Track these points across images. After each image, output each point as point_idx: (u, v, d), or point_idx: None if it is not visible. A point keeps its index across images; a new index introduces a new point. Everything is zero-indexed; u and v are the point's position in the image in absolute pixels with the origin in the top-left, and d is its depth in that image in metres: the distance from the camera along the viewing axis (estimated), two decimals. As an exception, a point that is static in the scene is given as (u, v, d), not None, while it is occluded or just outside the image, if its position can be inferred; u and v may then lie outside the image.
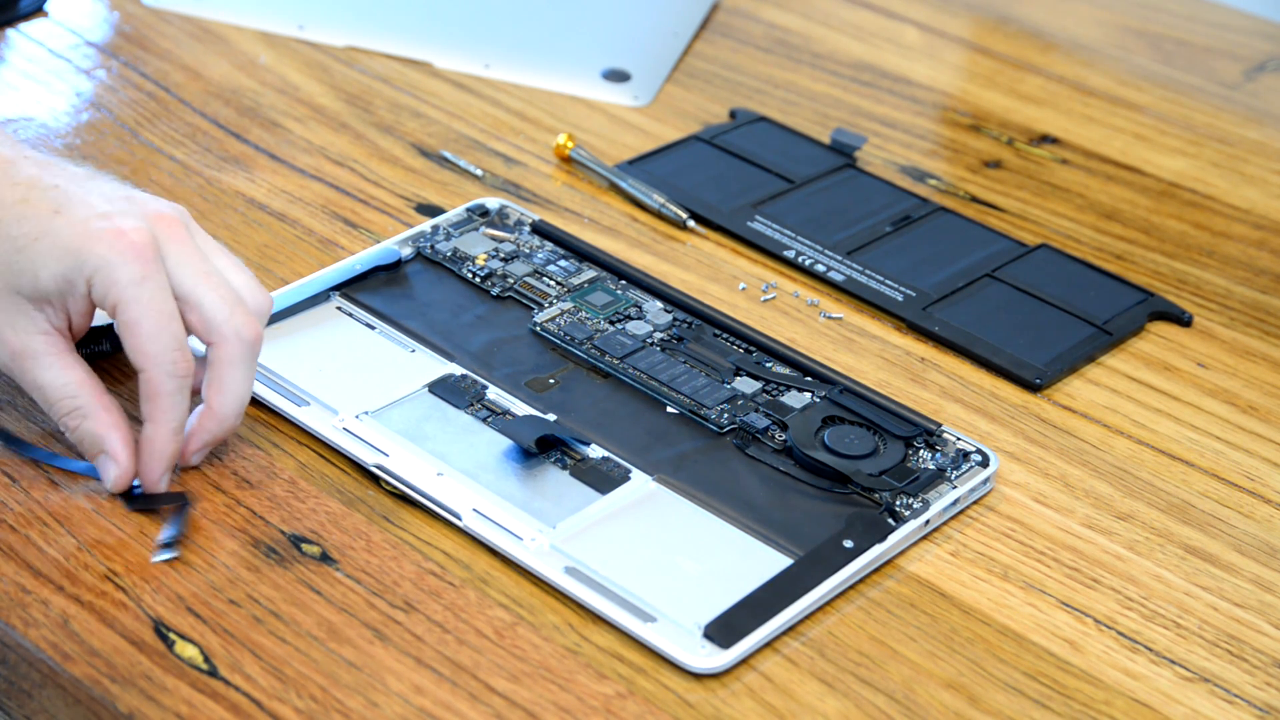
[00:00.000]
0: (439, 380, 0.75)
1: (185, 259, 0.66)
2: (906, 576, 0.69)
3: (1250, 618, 0.69)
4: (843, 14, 1.13)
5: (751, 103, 1.02)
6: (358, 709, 0.61)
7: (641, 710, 0.62)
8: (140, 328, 0.65)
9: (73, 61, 0.98)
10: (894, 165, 0.97)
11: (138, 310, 0.65)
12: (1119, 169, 0.99)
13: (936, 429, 0.75)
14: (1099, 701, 0.65)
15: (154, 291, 0.65)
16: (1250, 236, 0.94)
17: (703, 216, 0.90)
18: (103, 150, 0.90)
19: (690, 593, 0.66)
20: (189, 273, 0.66)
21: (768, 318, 0.84)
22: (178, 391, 0.66)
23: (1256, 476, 0.77)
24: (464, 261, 0.83)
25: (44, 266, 0.65)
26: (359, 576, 0.66)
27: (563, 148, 0.93)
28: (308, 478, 0.70)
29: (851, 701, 0.63)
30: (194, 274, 0.66)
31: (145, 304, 0.65)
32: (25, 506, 0.67)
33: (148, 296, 0.65)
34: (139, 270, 0.65)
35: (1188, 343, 0.85)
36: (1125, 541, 0.72)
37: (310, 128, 0.94)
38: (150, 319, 0.65)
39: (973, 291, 0.86)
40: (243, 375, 0.67)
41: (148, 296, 0.65)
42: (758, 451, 0.74)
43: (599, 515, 0.69)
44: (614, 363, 0.77)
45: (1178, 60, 1.11)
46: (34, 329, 0.66)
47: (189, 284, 0.66)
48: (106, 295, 0.65)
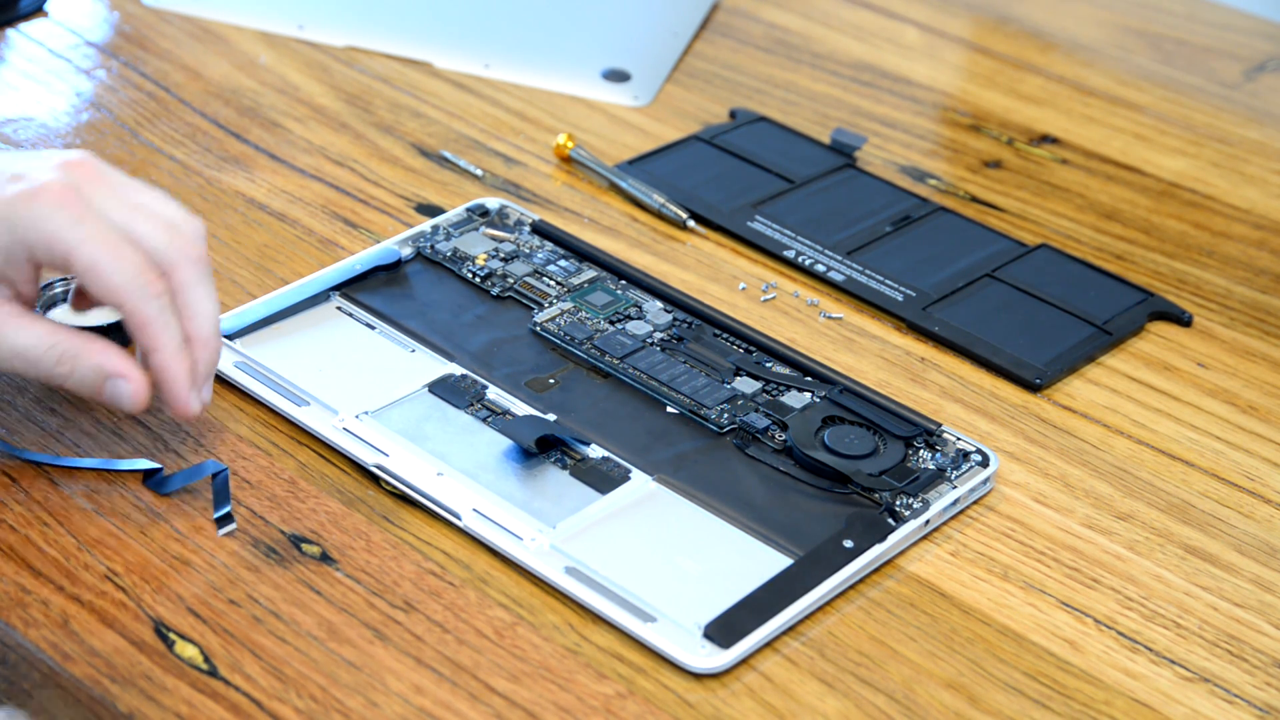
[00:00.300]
0: (439, 380, 0.75)
1: (109, 197, 0.65)
2: (906, 576, 0.69)
3: (1250, 618, 0.69)
4: (843, 14, 1.13)
5: (751, 103, 1.02)
6: (358, 709, 0.61)
7: (641, 710, 0.62)
8: (100, 266, 0.64)
9: (73, 61, 0.98)
10: (894, 165, 0.97)
11: (90, 250, 0.64)
12: (1119, 169, 0.99)
13: (936, 429, 0.75)
14: (1099, 701, 0.65)
15: (95, 227, 0.64)
16: (1250, 236, 0.94)
17: (703, 216, 0.90)
18: (103, 150, 0.90)
19: (690, 593, 0.66)
20: (116, 209, 0.65)
21: (768, 318, 0.84)
22: (162, 311, 0.65)
23: (1256, 476, 0.77)
24: (464, 261, 0.83)
25: None
26: (359, 576, 0.66)
27: (563, 148, 0.93)
28: (308, 478, 0.70)
29: (851, 701, 0.63)
30: (122, 210, 0.65)
31: (93, 241, 0.64)
32: (25, 506, 0.67)
33: (91, 233, 0.64)
34: (72, 214, 0.64)
35: (1188, 343, 0.85)
36: (1125, 541, 0.72)
37: (310, 128, 0.94)
38: (105, 253, 0.64)
39: (973, 291, 0.86)
40: (205, 293, 0.66)
41: (91, 233, 0.64)
42: (758, 451, 0.74)
43: (599, 515, 0.69)
44: (614, 363, 0.77)
45: (1178, 60, 1.11)
46: None
47: (119, 220, 0.65)
48: (51, 250, 0.64)
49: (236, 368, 0.74)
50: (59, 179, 0.65)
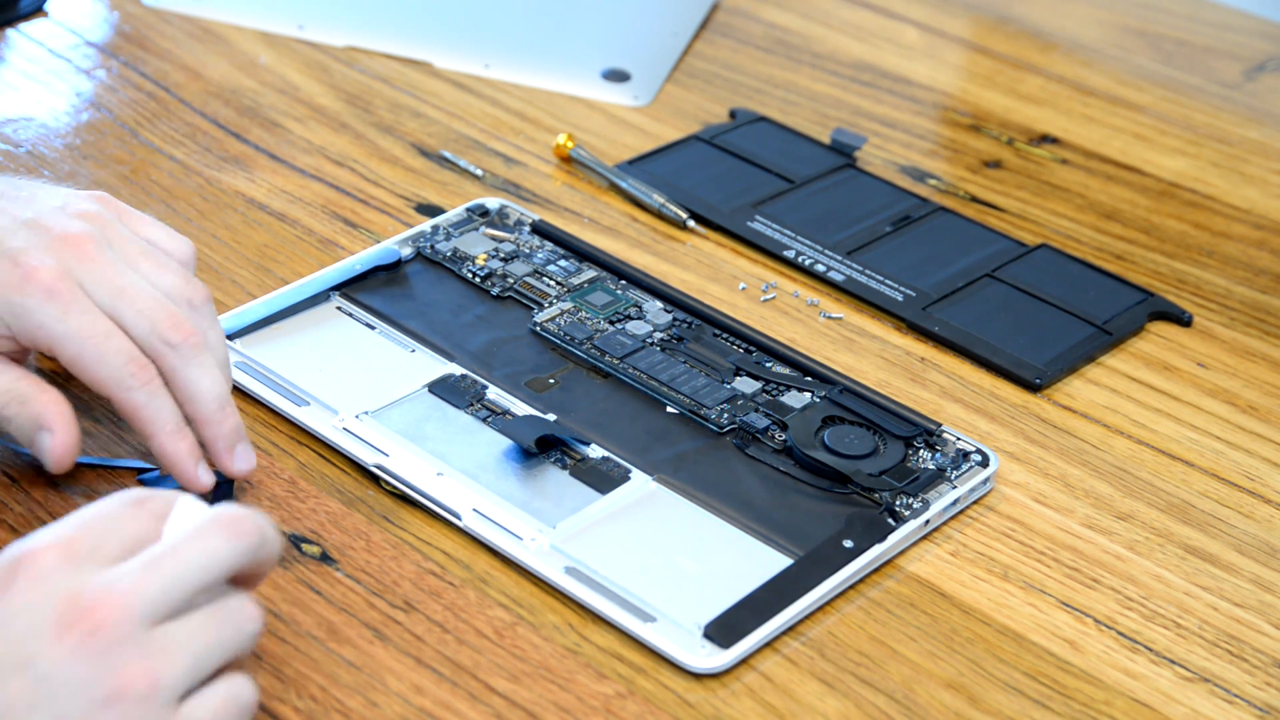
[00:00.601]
0: (439, 380, 0.75)
1: (100, 280, 0.65)
2: (906, 576, 0.69)
3: (1250, 618, 0.69)
4: (843, 14, 1.13)
5: (751, 103, 1.02)
6: (358, 709, 0.61)
7: (641, 710, 0.62)
8: (84, 359, 0.64)
9: (73, 61, 0.98)
10: (894, 165, 0.97)
11: (75, 345, 0.64)
12: (1119, 169, 0.99)
13: (936, 429, 0.75)
14: (1099, 701, 0.65)
15: (81, 320, 0.64)
16: (1250, 236, 0.94)
17: (703, 216, 0.90)
18: (103, 150, 0.90)
19: (690, 593, 0.66)
20: (104, 294, 0.64)
21: (768, 318, 0.84)
22: (151, 398, 0.65)
23: (1256, 476, 0.77)
24: (464, 261, 0.83)
25: None
26: (359, 576, 0.66)
27: (563, 148, 0.93)
28: (308, 478, 0.70)
29: (851, 701, 0.63)
30: (110, 294, 0.65)
31: (78, 336, 0.64)
32: (25, 506, 0.67)
33: (76, 327, 0.64)
34: (58, 308, 0.64)
35: (1188, 343, 0.85)
36: (1125, 541, 0.72)
37: (310, 128, 0.94)
38: (90, 347, 0.64)
39: (973, 291, 0.86)
40: (200, 372, 0.65)
41: (76, 327, 0.64)
42: (758, 451, 0.74)
43: (599, 515, 0.69)
44: (614, 363, 0.77)
45: (1178, 60, 1.11)
46: None
47: (108, 306, 0.64)
48: (36, 341, 0.64)
49: (236, 368, 0.74)
50: (50, 265, 0.64)
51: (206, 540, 0.55)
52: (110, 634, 0.52)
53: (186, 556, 0.55)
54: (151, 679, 0.53)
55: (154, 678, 0.53)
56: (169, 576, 0.54)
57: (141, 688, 0.52)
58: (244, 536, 0.56)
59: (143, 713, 0.52)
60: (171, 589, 0.54)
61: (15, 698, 0.51)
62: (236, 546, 0.56)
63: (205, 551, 0.55)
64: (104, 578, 0.54)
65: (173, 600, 0.54)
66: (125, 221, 0.68)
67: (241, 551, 0.56)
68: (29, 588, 0.53)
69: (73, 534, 0.54)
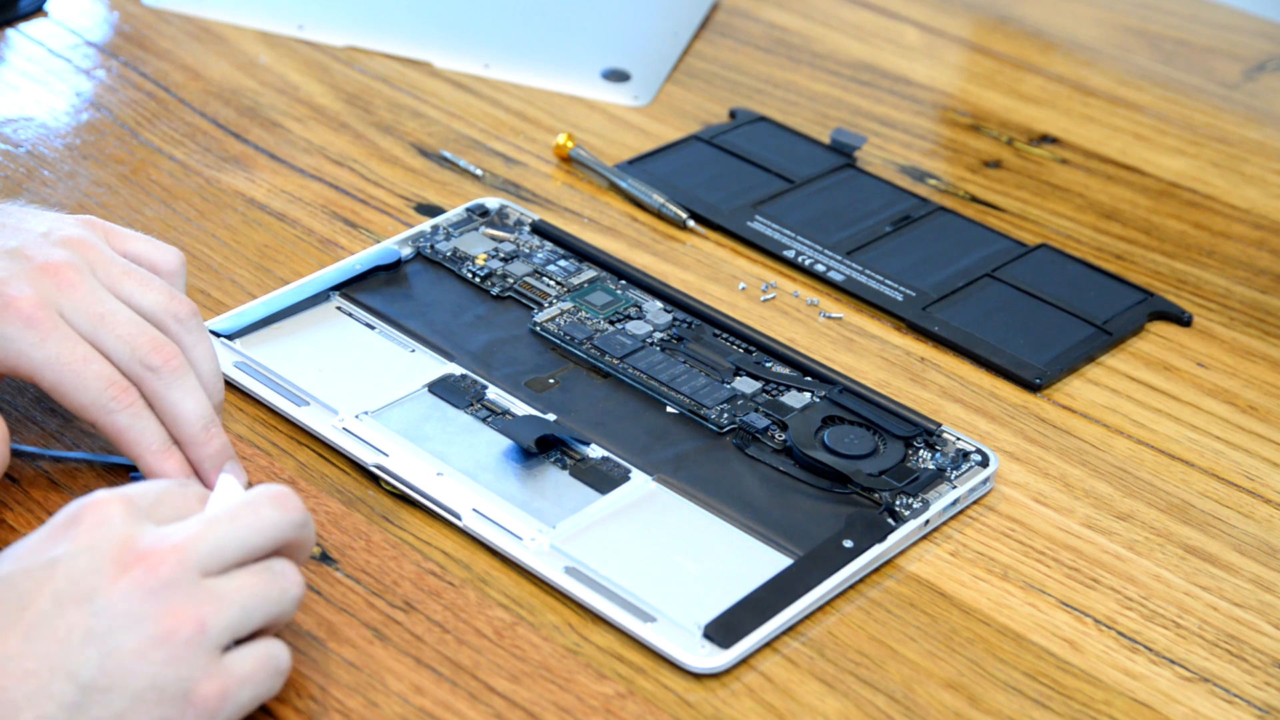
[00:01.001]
0: (439, 380, 0.75)
1: (79, 307, 0.65)
2: (906, 576, 0.69)
3: (1250, 618, 0.69)
4: (843, 14, 1.13)
5: (751, 103, 1.02)
6: (358, 709, 0.61)
7: (641, 710, 0.62)
8: (64, 385, 0.64)
9: (73, 61, 0.98)
10: (894, 165, 0.97)
11: (54, 371, 0.64)
12: (1119, 169, 0.99)
13: (936, 429, 0.75)
14: (1099, 701, 0.65)
15: (59, 346, 0.64)
16: (1250, 236, 0.94)
17: (703, 216, 0.90)
18: (102, 150, 0.90)
19: (690, 593, 0.66)
20: (84, 321, 0.65)
21: (768, 318, 0.84)
22: (134, 420, 0.65)
23: (1256, 476, 0.77)
24: (464, 261, 0.83)
25: None
26: (359, 576, 0.66)
27: (563, 148, 0.93)
28: (307, 478, 0.70)
29: (851, 701, 0.63)
30: (90, 320, 0.65)
31: (57, 363, 0.64)
32: (25, 506, 0.67)
33: (55, 353, 0.64)
34: (37, 335, 0.64)
35: (1188, 343, 0.85)
36: (1125, 541, 0.72)
37: (310, 128, 0.94)
38: (69, 374, 0.64)
39: (973, 291, 0.86)
40: (182, 394, 0.66)
41: (55, 353, 0.64)
42: (758, 451, 0.74)
43: (599, 515, 0.69)
44: (614, 363, 0.77)
45: (1178, 60, 1.11)
46: None
47: (88, 332, 0.65)
48: (15, 368, 0.64)
49: (236, 368, 0.74)
50: (29, 294, 0.64)
51: (259, 509, 0.59)
52: (165, 577, 0.56)
53: (240, 520, 0.59)
54: (199, 623, 0.56)
55: (201, 622, 0.56)
56: (223, 535, 0.58)
57: (189, 630, 0.56)
58: (291, 510, 0.60)
59: (189, 654, 0.56)
60: (224, 546, 0.58)
61: (73, 627, 0.55)
62: (285, 517, 0.60)
63: (258, 517, 0.59)
64: (162, 531, 0.58)
65: (224, 557, 0.58)
66: (111, 242, 0.69)
67: (289, 523, 0.60)
68: (93, 530, 0.57)
69: (134, 493, 0.59)
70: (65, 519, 0.58)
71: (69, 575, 0.55)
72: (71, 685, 0.54)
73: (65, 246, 0.67)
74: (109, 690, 0.54)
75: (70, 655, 0.54)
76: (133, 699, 0.55)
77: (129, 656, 0.55)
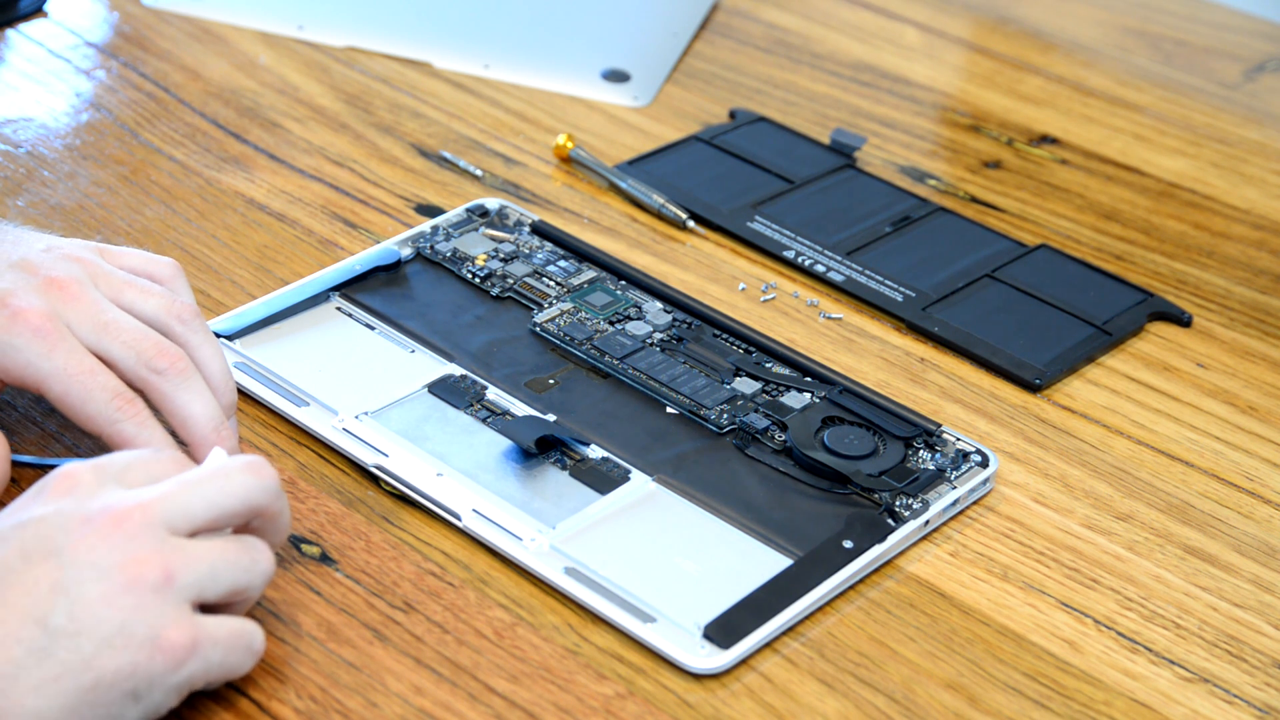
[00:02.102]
0: (438, 380, 0.75)
1: (85, 317, 0.66)
2: (906, 577, 0.69)
3: (1250, 618, 0.69)
4: (843, 14, 1.13)
5: (751, 103, 1.02)
6: (357, 709, 0.61)
7: (641, 710, 0.62)
8: (71, 396, 0.65)
9: (72, 61, 0.98)
10: (894, 165, 0.97)
11: (61, 382, 0.65)
12: (1119, 169, 0.99)
13: (936, 429, 0.75)
14: (1099, 702, 0.65)
15: (67, 357, 0.65)
16: (1250, 236, 0.94)
17: (702, 217, 0.90)
18: (102, 150, 0.90)
19: (690, 593, 0.66)
20: (89, 331, 0.66)
21: (767, 318, 0.84)
22: (141, 427, 0.65)
23: (1256, 476, 0.77)
24: (464, 262, 0.83)
25: None
26: (358, 577, 0.66)
27: (562, 148, 0.93)
28: (307, 478, 0.70)
29: (851, 702, 0.63)
30: (95, 330, 0.66)
31: (64, 373, 0.65)
32: (25, 507, 0.67)
33: (63, 365, 0.65)
34: (45, 346, 0.65)
35: (1187, 343, 0.85)
36: (1125, 542, 0.72)
37: (310, 128, 0.94)
38: (76, 384, 0.65)
39: (972, 292, 0.86)
40: (189, 397, 0.66)
41: (63, 365, 0.65)
42: (757, 452, 0.74)
43: (599, 515, 0.69)
44: (614, 363, 0.77)
45: (1178, 60, 1.11)
46: None
47: (93, 342, 0.66)
48: (23, 378, 0.65)
49: (236, 368, 0.74)
50: (38, 306, 0.65)
51: (231, 473, 0.60)
52: (132, 530, 0.57)
53: (211, 482, 0.60)
54: (166, 571, 0.57)
55: (169, 570, 0.57)
56: (193, 495, 0.59)
57: (156, 577, 0.56)
58: (264, 477, 0.60)
59: (156, 601, 0.56)
60: (193, 505, 0.59)
61: (40, 579, 0.56)
62: (258, 482, 0.60)
63: (229, 480, 0.60)
64: (131, 491, 0.59)
65: (193, 516, 0.59)
66: (107, 258, 0.70)
67: (260, 488, 0.60)
68: (63, 494, 0.58)
69: (105, 461, 0.60)
70: (35, 488, 0.59)
71: (37, 534, 0.56)
72: (39, 630, 0.55)
73: (68, 261, 0.68)
74: (77, 635, 0.55)
75: (38, 604, 0.55)
76: (100, 643, 0.55)
77: (97, 604, 0.55)
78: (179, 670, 0.57)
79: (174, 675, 0.57)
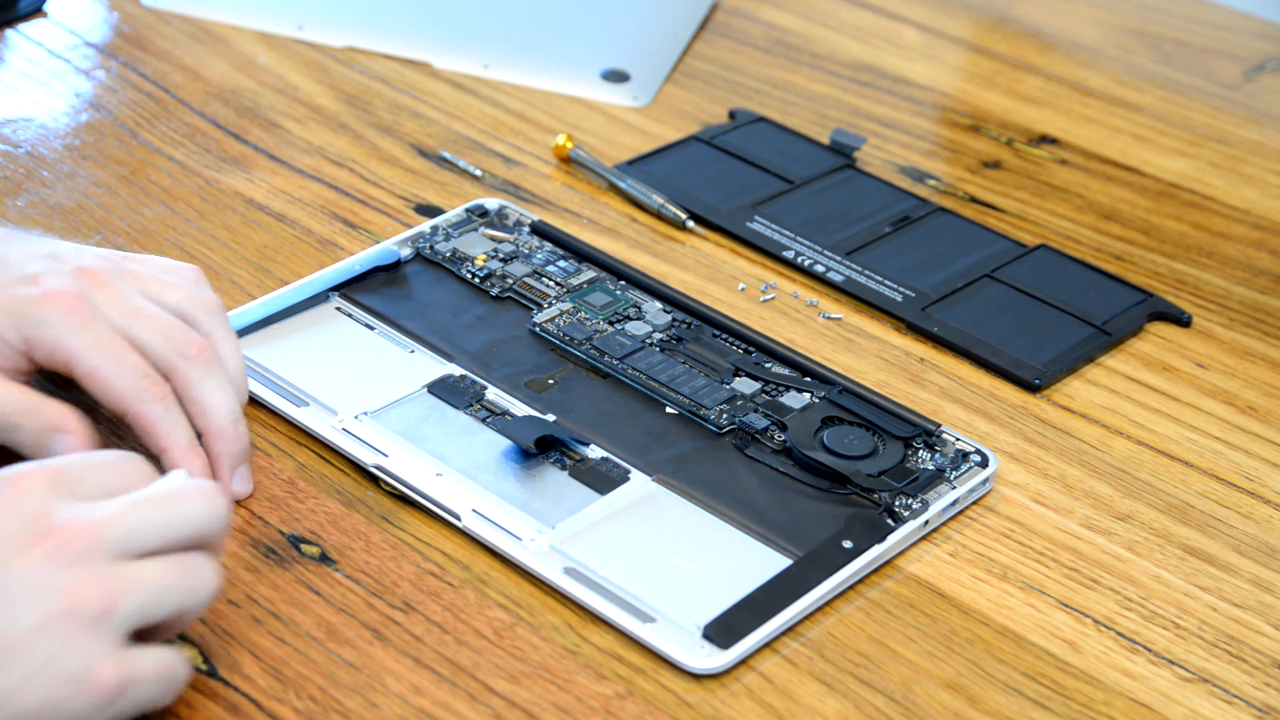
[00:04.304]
0: (438, 381, 0.75)
1: (114, 302, 0.66)
2: (906, 577, 0.69)
3: (1249, 618, 0.69)
4: (842, 14, 1.13)
5: (751, 103, 1.02)
6: (357, 709, 0.61)
7: (641, 711, 0.62)
8: (101, 371, 0.65)
9: (72, 62, 0.98)
10: (893, 165, 0.97)
11: (92, 357, 0.65)
12: (1118, 169, 0.99)
13: (936, 429, 0.75)
14: (1098, 702, 0.65)
15: (99, 333, 0.65)
16: (1250, 237, 0.94)
17: (702, 217, 0.90)
18: (102, 151, 0.90)
19: (690, 593, 0.66)
20: (119, 315, 0.66)
21: (767, 318, 0.84)
22: (166, 412, 0.66)
23: (1256, 476, 0.77)
24: (463, 262, 0.83)
25: None
26: (358, 577, 0.66)
27: (562, 148, 0.93)
28: (307, 478, 0.70)
29: (851, 702, 0.63)
30: (124, 314, 0.66)
31: (96, 348, 0.65)
32: (24, 507, 0.67)
33: (94, 341, 0.65)
34: (76, 321, 0.65)
35: (1187, 343, 0.85)
36: (1124, 542, 0.72)
37: (309, 128, 0.94)
38: (107, 359, 0.65)
39: (972, 292, 0.86)
40: (214, 386, 0.67)
41: (94, 341, 0.65)
42: (757, 452, 0.74)
43: (598, 516, 0.69)
44: (613, 363, 0.77)
45: (1177, 60, 1.11)
46: None
47: (122, 325, 0.66)
48: (54, 355, 0.65)
49: (236, 368, 0.75)
50: (69, 286, 0.66)
51: (185, 499, 0.58)
52: (76, 553, 0.55)
53: (163, 506, 0.58)
54: (106, 602, 0.55)
55: (109, 602, 0.55)
56: (142, 519, 0.57)
57: (95, 608, 0.55)
58: (217, 507, 0.59)
59: (91, 634, 0.55)
60: (141, 530, 0.57)
61: None
62: (209, 511, 0.59)
63: (181, 507, 0.58)
64: (81, 507, 0.57)
65: (140, 541, 0.57)
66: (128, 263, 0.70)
67: (211, 518, 0.59)
68: (9, 502, 0.56)
69: (61, 466, 0.58)
70: None
71: None
72: None
73: (96, 256, 0.69)
74: (6, 664, 0.53)
75: None
76: (27, 674, 0.53)
77: (30, 629, 0.54)
78: (105, 710, 0.55)
79: (99, 714, 0.55)
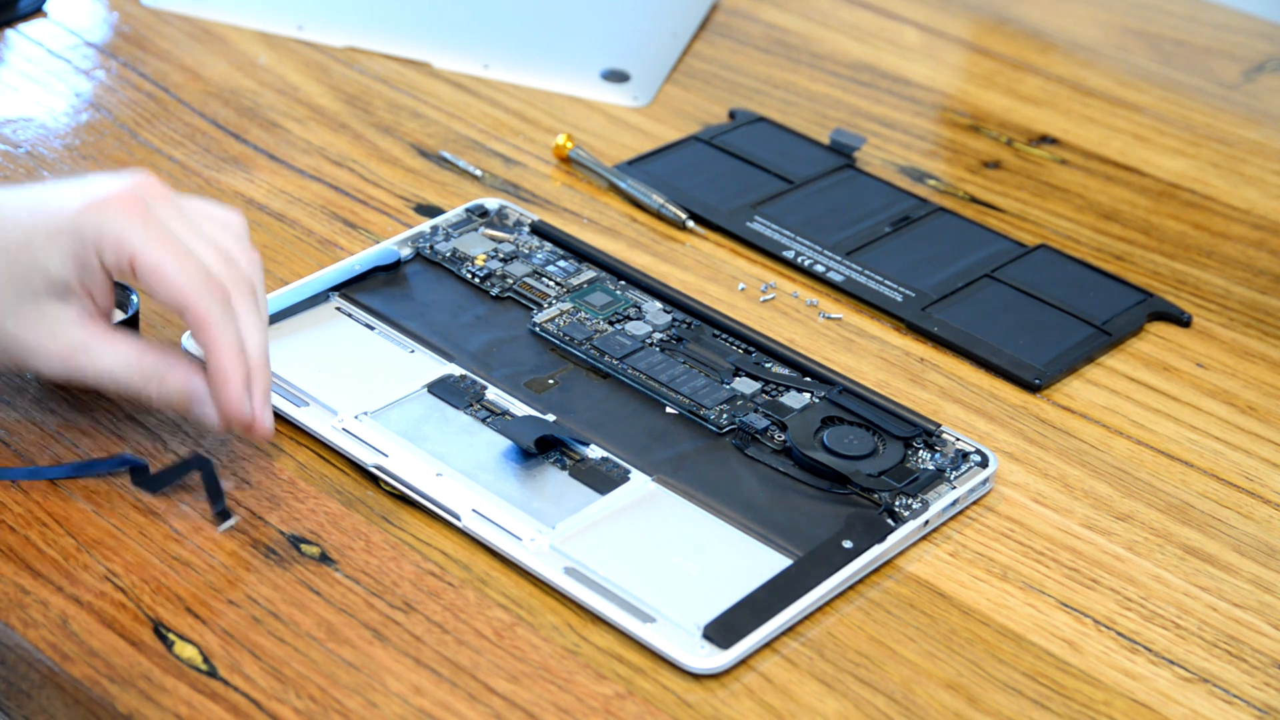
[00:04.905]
0: (438, 380, 0.75)
1: (173, 216, 0.67)
2: (906, 577, 0.69)
3: (1249, 618, 0.69)
4: (842, 14, 1.13)
5: (751, 103, 1.02)
6: (357, 709, 0.61)
7: (641, 711, 0.62)
8: (165, 268, 0.65)
9: (72, 62, 0.98)
10: (893, 165, 0.97)
11: (155, 253, 0.65)
12: (1118, 169, 0.99)
13: (936, 429, 0.75)
14: (1098, 702, 0.65)
15: (161, 231, 0.66)
16: (1249, 237, 0.94)
17: (702, 217, 0.90)
18: (102, 150, 0.90)
19: (689, 593, 0.66)
20: (179, 226, 0.67)
21: (767, 318, 0.84)
22: (225, 313, 0.66)
23: (1256, 477, 0.77)
24: (463, 262, 0.83)
25: (49, 257, 0.65)
26: (358, 577, 0.66)
27: (562, 148, 0.93)
28: (307, 478, 0.70)
29: (851, 702, 0.63)
30: (184, 228, 0.67)
31: (159, 244, 0.65)
32: (25, 507, 0.67)
33: (157, 237, 0.65)
34: (137, 218, 0.65)
35: (1187, 343, 0.85)
36: (1124, 542, 0.72)
37: (309, 128, 0.94)
38: (170, 255, 0.65)
39: (972, 292, 0.86)
40: (256, 323, 0.67)
41: (157, 237, 0.65)
42: (757, 452, 0.74)
43: (598, 516, 0.69)
44: (613, 363, 0.77)
45: (1177, 60, 1.11)
46: (70, 323, 0.66)
47: (182, 236, 0.66)
48: (119, 255, 0.65)
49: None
50: (130, 192, 0.66)
51: None
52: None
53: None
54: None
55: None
56: None
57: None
58: None
59: None
60: None
61: None
62: None
63: None
64: None
65: None
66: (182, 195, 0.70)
67: None
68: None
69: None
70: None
71: None
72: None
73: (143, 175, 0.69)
74: None
75: None
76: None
77: None
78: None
79: None
